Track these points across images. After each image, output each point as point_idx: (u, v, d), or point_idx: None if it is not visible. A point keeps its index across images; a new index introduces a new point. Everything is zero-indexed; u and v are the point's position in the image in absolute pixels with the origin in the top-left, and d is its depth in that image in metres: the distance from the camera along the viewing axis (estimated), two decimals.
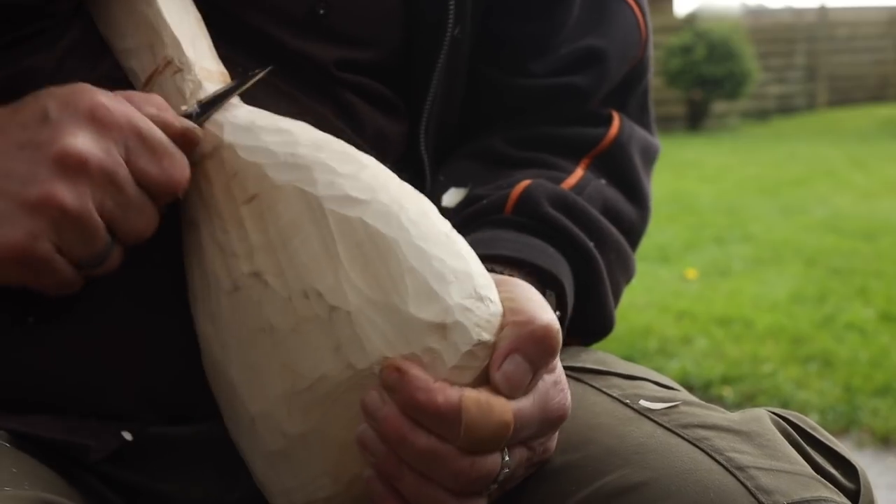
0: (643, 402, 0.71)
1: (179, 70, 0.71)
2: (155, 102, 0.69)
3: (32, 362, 0.71)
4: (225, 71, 0.73)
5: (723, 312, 3.79)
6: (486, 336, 0.62)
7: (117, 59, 0.73)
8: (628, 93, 0.91)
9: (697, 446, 0.65)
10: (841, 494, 0.65)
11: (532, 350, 0.62)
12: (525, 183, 0.81)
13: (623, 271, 0.85)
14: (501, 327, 0.63)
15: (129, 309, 0.71)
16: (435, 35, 0.83)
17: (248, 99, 0.74)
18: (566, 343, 0.83)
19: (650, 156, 0.91)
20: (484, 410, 0.60)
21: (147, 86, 0.72)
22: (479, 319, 0.62)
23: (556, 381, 0.65)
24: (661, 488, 0.62)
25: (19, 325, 0.70)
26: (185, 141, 0.68)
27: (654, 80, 0.95)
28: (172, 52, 0.71)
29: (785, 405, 2.89)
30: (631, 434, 0.67)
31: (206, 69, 0.72)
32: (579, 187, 0.83)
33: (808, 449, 0.68)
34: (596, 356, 0.81)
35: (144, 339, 0.71)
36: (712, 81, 11.11)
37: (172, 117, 0.68)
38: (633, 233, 0.87)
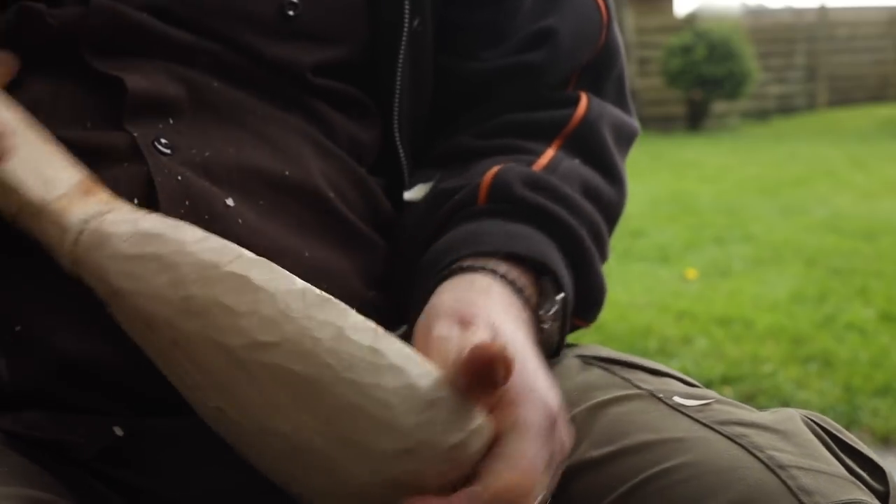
0: (677, 399, 0.70)
1: (36, 214, 0.67)
2: None
3: (20, 347, 0.71)
4: (82, 176, 0.68)
5: (723, 312, 3.78)
6: (459, 435, 0.59)
7: None
8: (601, 79, 0.90)
9: (737, 443, 0.65)
10: (873, 497, 0.64)
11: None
12: (494, 169, 0.80)
13: (599, 251, 0.84)
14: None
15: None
16: (394, 28, 0.83)
17: (216, 115, 0.74)
18: (571, 325, 0.82)
19: (626, 135, 0.89)
20: None
21: (15, 224, 0.68)
22: (443, 425, 0.58)
23: (534, 407, 0.60)
24: (704, 485, 0.62)
25: (8, 334, 0.70)
26: None
27: (654, 80, 0.95)
28: (19, 197, 0.67)
29: (785, 405, 2.89)
30: (668, 428, 0.66)
31: (62, 197, 0.66)
32: (551, 167, 0.82)
33: (838, 451, 0.68)
34: (611, 352, 0.80)
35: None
36: (712, 81, 11.11)
37: None
38: (612, 210, 0.86)
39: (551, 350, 0.75)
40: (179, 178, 0.72)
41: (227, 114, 0.76)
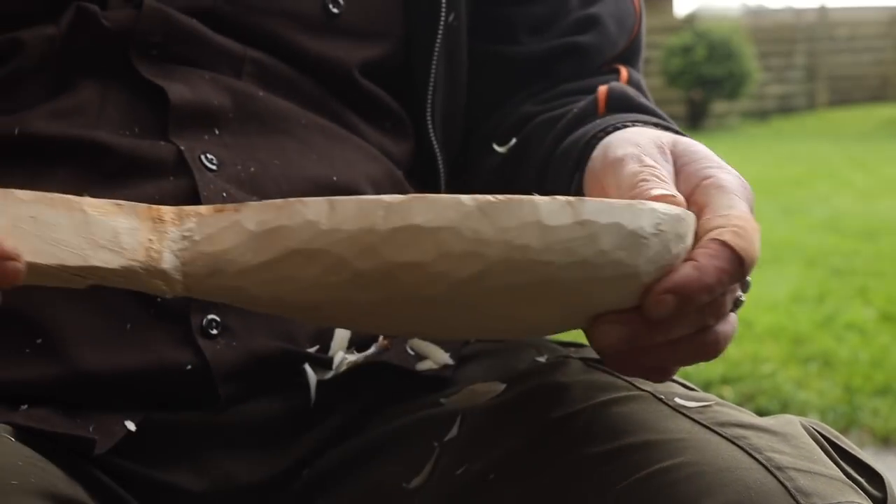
0: (678, 400, 0.70)
1: (132, 278, 0.57)
2: None
3: (37, 354, 0.71)
4: (136, 210, 0.57)
5: None
6: (684, 243, 0.59)
7: None
8: (631, 67, 0.91)
9: (736, 444, 0.65)
10: (871, 501, 0.64)
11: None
12: (605, 86, 0.80)
13: None
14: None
15: (133, 306, 0.71)
16: (430, 23, 0.83)
17: (260, 125, 0.74)
18: None
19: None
20: (743, 236, 0.60)
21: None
22: (666, 248, 0.58)
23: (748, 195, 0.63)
24: (703, 484, 0.62)
25: (29, 347, 0.71)
26: None
27: (654, 81, 0.96)
28: (98, 274, 0.56)
29: (785, 405, 2.89)
30: (669, 429, 0.66)
31: (138, 248, 0.56)
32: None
33: (836, 456, 0.68)
34: None
35: (148, 330, 0.71)
36: (712, 81, 11.11)
37: None
38: None
39: None
40: (225, 194, 0.73)
41: (272, 123, 0.77)
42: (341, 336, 0.76)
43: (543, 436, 0.69)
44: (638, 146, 0.66)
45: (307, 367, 0.74)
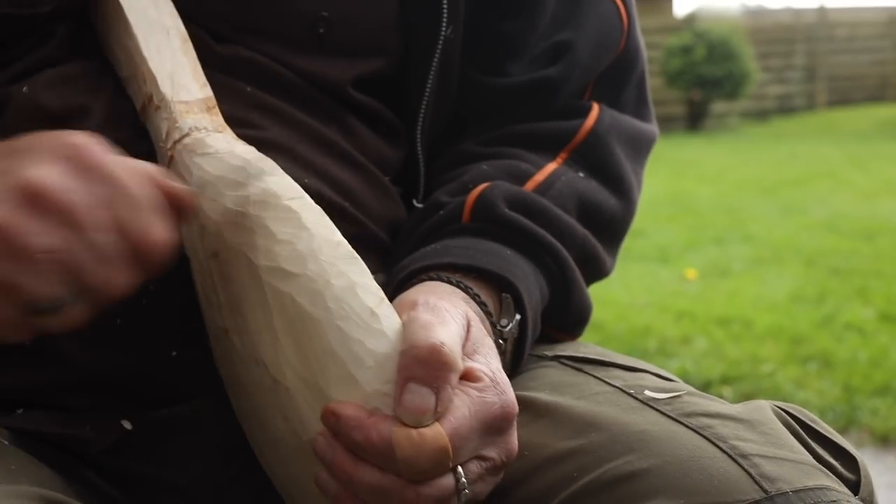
0: (647, 392, 0.71)
1: (158, 107, 0.72)
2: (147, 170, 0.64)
3: (31, 357, 0.71)
4: (209, 95, 0.74)
5: (722, 312, 3.78)
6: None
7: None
8: (621, 85, 0.91)
9: (701, 434, 0.66)
10: (842, 484, 0.65)
11: (422, 372, 0.62)
12: (482, 187, 0.81)
13: (590, 271, 0.85)
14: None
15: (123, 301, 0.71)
16: (430, 37, 0.83)
17: (243, 121, 0.75)
18: (556, 339, 0.83)
19: (641, 145, 0.90)
20: (416, 442, 0.61)
21: (141, 117, 0.74)
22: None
23: (486, 387, 0.64)
24: (665, 475, 0.63)
25: (20, 350, 0.71)
26: (171, 202, 0.64)
27: (653, 81, 0.95)
28: (151, 88, 0.73)
29: None
30: (634, 422, 0.68)
31: (184, 103, 0.72)
32: (547, 183, 0.83)
33: (809, 440, 0.69)
34: (596, 349, 0.82)
35: (140, 322, 0.72)
36: (712, 82, 11.11)
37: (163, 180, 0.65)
38: (615, 223, 0.86)
39: (511, 361, 0.77)
40: None
41: (257, 120, 0.77)
42: None
43: None
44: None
45: None
